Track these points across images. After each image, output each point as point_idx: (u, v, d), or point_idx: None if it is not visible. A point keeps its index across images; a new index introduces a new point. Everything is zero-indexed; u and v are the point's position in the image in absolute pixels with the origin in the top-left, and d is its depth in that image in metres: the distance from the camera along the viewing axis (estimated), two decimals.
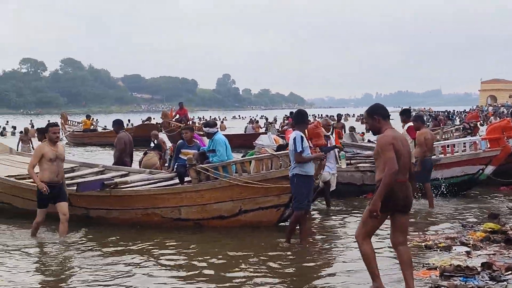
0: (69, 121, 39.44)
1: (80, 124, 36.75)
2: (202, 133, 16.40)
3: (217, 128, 11.08)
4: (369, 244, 6.02)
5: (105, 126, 36.38)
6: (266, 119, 56.47)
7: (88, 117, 37.51)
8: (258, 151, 13.03)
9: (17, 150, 20.02)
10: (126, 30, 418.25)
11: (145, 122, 36.17)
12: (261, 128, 37.68)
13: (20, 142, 25.89)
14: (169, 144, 18.99)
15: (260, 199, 9.85)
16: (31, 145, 26.31)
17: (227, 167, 10.00)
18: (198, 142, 12.02)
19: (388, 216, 6.02)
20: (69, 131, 35.64)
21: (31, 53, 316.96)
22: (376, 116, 6.06)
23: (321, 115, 68.79)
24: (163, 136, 26.18)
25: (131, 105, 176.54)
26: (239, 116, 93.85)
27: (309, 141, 9.77)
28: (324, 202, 12.11)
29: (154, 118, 40.60)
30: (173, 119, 31.25)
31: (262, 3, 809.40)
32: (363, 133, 27.74)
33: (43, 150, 9.18)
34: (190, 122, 36.54)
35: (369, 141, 20.65)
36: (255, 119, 55.35)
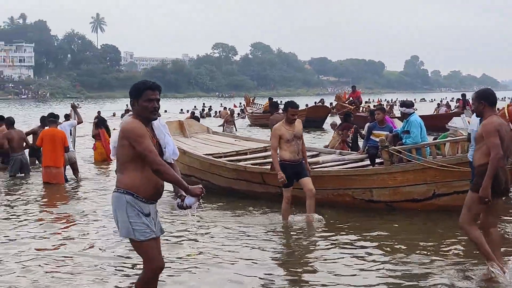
0: (253, 103, 41.27)
1: (261, 106, 38.07)
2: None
3: (414, 108, 10.80)
4: (476, 229, 6.23)
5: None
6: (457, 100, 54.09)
7: (270, 99, 38.63)
8: (454, 134, 12.58)
9: (222, 131, 21.40)
10: (312, 12, 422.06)
11: (318, 104, 36.59)
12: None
13: (225, 123, 27.57)
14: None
15: (456, 183, 9.49)
16: (234, 127, 27.90)
17: (420, 149, 9.76)
18: (390, 124, 11.88)
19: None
20: (249, 113, 37.34)
21: (223, 38, 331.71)
22: (483, 101, 6.23)
23: None
24: (335, 118, 26.30)
25: (318, 87, 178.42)
26: (432, 99, 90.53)
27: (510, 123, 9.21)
28: None
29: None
30: (346, 102, 31.28)
31: None
32: None
33: (279, 131, 9.04)
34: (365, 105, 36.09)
35: None
36: (447, 101, 53.29)
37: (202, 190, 4.85)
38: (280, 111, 12.33)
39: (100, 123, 18.16)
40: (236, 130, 28.10)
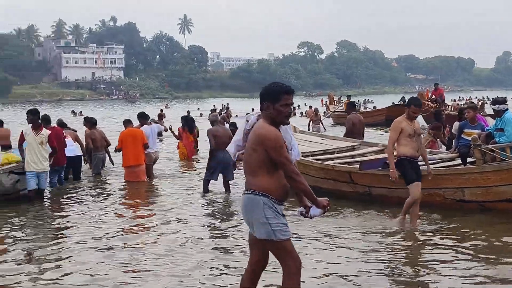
0: (339, 102, 41.06)
1: (342, 105, 37.77)
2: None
3: (507, 105, 10.42)
4: None
5: (374, 107, 36.97)
6: None
7: (348, 97, 38.17)
8: None
9: (308, 130, 21.61)
10: (398, 10, 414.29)
11: (399, 102, 35.87)
12: None
13: (311, 122, 27.63)
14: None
15: None
16: (322, 126, 27.89)
17: None
18: (482, 122, 11.53)
19: None
20: (332, 111, 37.15)
21: (309, 36, 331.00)
22: None
23: None
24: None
25: (405, 85, 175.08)
26: None
27: None
28: None
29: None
30: (428, 100, 30.56)
31: None
32: None
33: (401, 124, 8.66)
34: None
35: None
36: None
37: (329, 202, 4.88)
38: (363, 108, 12.21)
39: (184, 123, 18.49)
40: (324, 130, 28.03)
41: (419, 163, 8.97)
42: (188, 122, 18.55)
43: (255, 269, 5.07)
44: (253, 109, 43.65)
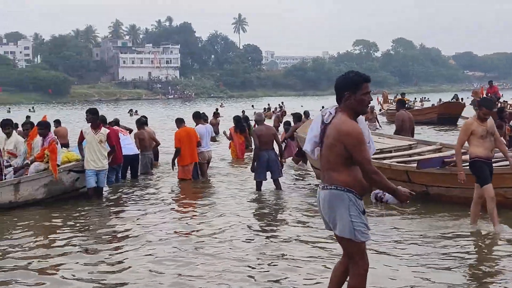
0: (391, 100, 40.67)
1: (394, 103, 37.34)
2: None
3: None
4: None
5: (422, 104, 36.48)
6: None
7: (402, 95, 37.56)
8: None
9: None
10: (455, 6, 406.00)
11: (452, 101, 35.13)
12: None
13: (367, 121, 27.44)
14: None
15: None
16: (378, 124, 27.66)
17: None
18: None
19: None
20: (385, 110, 36.83)
21: (364, 34, 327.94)
22: None
23: None
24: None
25: (463, 83, 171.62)
26: None
27: None
28: None
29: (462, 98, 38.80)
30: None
31: None
32: None
33: (472, 126, 8.40)
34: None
35: None
36: None
37: (410, 196, 4.75)
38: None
39: (236, 124, 18.56)
40: (380, 127, 27.70)
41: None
42: (238, 123, 18.64)
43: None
44: (323, 106, 43.66)
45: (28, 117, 23.98)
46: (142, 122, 15.62)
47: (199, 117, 14.95)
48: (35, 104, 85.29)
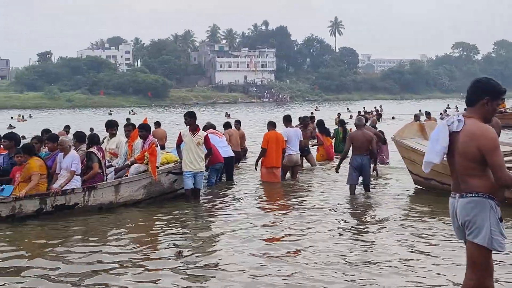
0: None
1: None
2: None
3: None
4: None
5: None
6: None
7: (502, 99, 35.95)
8: None
9: None
10: None
11: None
12: None
13: None
14: None
15: None
16: None
17: None
18: None
19: None
20: None
21: (464, 37, 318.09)
22: None
23: None
24: None
25: None
26: None
27: None
28: None
29: None
30: None
31: None
32: None
33: None
34: None
35: None
36: None
37: None
38: None
39: (321, 129, 18.56)
40: None
41: None
42: (321, 126, 18.75)
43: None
44: (445, 110, 42.81)
45: (128, 119, 24.70)
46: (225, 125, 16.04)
47: (289, 120, 15.08)
48: (135, 107, 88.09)
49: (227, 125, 17.40)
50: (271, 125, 14.44)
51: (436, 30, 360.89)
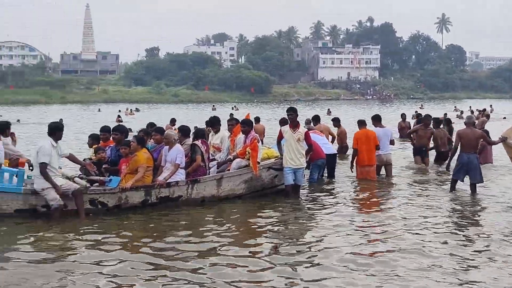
0: None
1: None
2: None
3: None
4: None
5: None
6: None
7: None
8: None
9: None
10: None
11: None
12: None
13: None
14: None
15: None
16: None
17: None
18: None
19: None
20: None
21: None
22: None
23: None
24: None
25: None
26: None
27: None
28: None
29: None
30: None
31: None
32: None
33: None
34: None
35: None
36: None
37: None
38: None
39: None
40: None
41: None
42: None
43: None
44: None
45: (231, 114, 25.07)
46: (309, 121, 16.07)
47: (378, 120, 15.00)
48: (237, 103, 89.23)
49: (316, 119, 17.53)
50: (361, 123, 14.42)
51: None
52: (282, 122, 14.20)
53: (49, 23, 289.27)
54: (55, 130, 9.95)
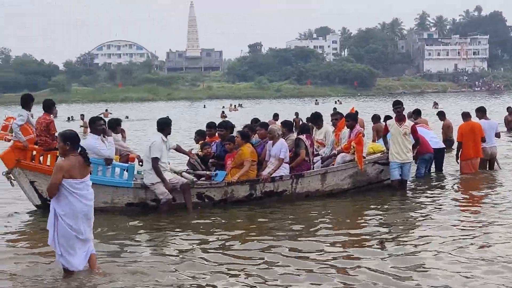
0: None
1: None
2: None
3: None
4: None
5: None
6: None
7: None
8: None
9: None
10: None
11: None
12: None
13: None
14: None
15: None
16: None
17: None
18: None
19: None
20: None
21: None
22: None
23: None
24: None
25: None
26: None
27: None
28: None
29: None
30: None
31: None
32: None
33: None
34: None
35: None
36: None
37: None
38: None
39: None
40: None
41: None
42: None
43: None
44: None
45: (334, 109, 24.85)
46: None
47: (483, 112, 14.51)
48: (340, 97, 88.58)
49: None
50: (465, 115, 14.03)
51: None
52: (375, 118, 13.99)
53: (155, 21, 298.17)
54: (164, 126, 10.27)
